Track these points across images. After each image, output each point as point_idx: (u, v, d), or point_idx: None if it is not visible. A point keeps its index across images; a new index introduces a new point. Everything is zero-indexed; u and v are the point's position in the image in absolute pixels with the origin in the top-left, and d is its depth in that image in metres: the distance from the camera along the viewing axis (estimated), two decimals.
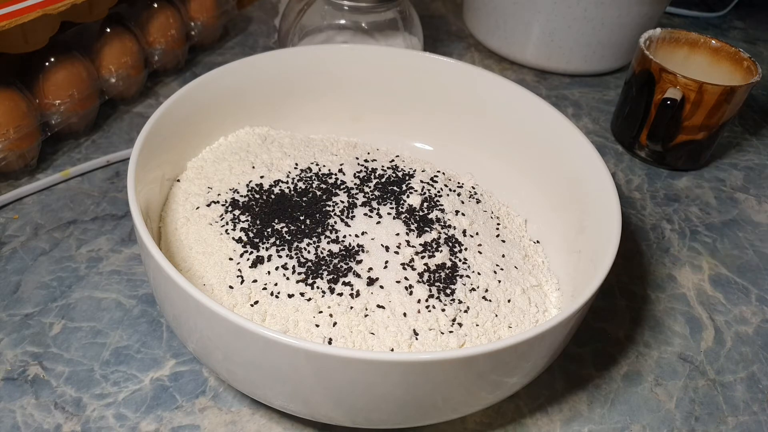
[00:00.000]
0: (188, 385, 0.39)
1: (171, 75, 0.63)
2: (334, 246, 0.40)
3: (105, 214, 0.49)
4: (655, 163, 0.59)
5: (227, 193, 0.43)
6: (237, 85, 0.47)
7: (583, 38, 0.66)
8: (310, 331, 0.35)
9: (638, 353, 0.43)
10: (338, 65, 0.50)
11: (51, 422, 0.36)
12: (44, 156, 0.52)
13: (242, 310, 0.37)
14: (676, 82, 0.53)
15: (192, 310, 0.31)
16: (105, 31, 0.55)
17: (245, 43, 0.70)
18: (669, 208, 0.55)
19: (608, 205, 0.39)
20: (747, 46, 0.81)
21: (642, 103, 0.57)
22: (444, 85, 0.50)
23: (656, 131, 0.56)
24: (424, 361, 0.29)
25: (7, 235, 0.46)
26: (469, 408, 0.35)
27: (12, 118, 0.47)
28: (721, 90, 0.53)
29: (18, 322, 0.41)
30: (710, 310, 0.47)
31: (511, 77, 0.69)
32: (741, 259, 0.51)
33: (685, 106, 0.54)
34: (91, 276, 0.44)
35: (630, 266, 0.49)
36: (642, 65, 0.56)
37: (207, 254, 0.39)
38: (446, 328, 0.36)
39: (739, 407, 0.41)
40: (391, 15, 0.58)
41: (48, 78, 0.50)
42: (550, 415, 0.39)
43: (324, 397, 0.32)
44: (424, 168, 0.48)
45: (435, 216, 0.43)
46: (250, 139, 0.48)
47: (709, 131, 0.55)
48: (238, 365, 0.33)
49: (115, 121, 0.57)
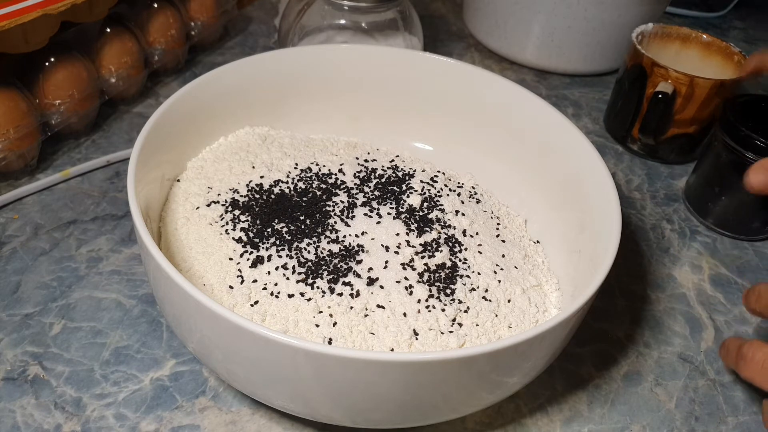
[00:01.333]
0: (188, 385, 0.39)
1: (171, 75, 0.63)
2: (334, 246, 0.40)
3: (105, 214, 0.49)
4: (647, 157, 0.59)
5: (227, 193, 0.43)
6: (237, 85, 0.47)
7: (583, 38, 0.66)
8: (310, 331, 0.35)
9: (638, 353, 0.43)
10: (338, 65, 0.50)
11: (51, 422, 0.36)
12: (44, 156, 0.52)
13: (242, 310, 0.37)
14: (668, 76, 0.54)
15: (192, 310, 0.31)
16: (105, 31, 0.55)
17: (245, 43, 0.70)
18: (669, 208, 0.55)
19: (608, 205, 0.39)
20: (747, 46, 0.81)
21: (634, 97, 0.57)
22: (444, 85, 0.50)
23: (648, 125, 0.56)
24: (424, 361, 0.29)
25: (7, 235, 0.46)
26: (469, 408, 0.35)
27: (12, 118, 0.47)
28: (712, 84, 0.53)
29: (18, 322, 0.41)
30: (710, 310, 0.47)
31: (511, 77, 0.69)
32: (741, 259, 0.51)
33: (677, 100, 0.54)
34: (91, 276, 0.44)
35: (630, 266, 0.49)
36: (634, 60, 0.56)
37: (207, 254, 0.39)
38: (446, 328, 0.36)
39: (739, 407, 0.41)
40: (391, 15, 0.58)
41: (48, 78, 0.50)
42: (550, 415, 0.39)
43: (324, 397, 0.32)
44: (424, 168, 0.48)
45: (435, 216, 0.43)
46: (250, 139, 0.48)
47: (701, 125, 0.56)
48: (238, 365, 0.33)
49: (115, 121, 0.57)
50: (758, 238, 0.53)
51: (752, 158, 0.48)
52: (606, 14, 0.64)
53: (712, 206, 0.52)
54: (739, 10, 0.89)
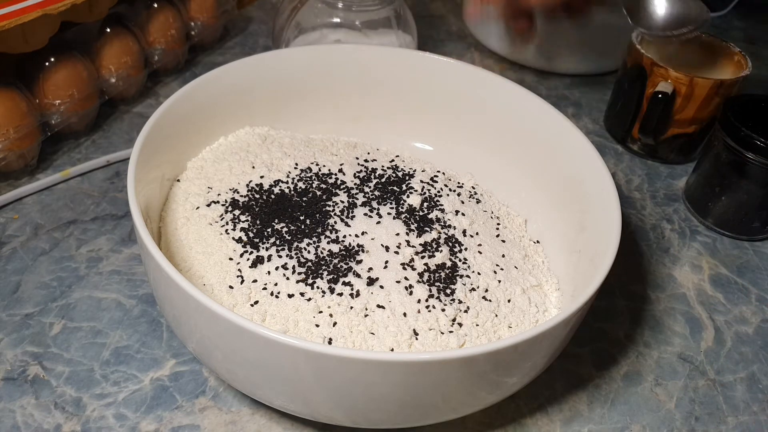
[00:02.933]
0: (188, 385, 0.39)
1: (171, 75, 0.63)
2: (334, 246, 0.40)
3: (105, 214, 0.49)
4: (647, 157, 0.59)
5: (227, 193, 0.43)
6: (237, 85, 0.47)
7: (583, 38, 0.66)
8: (310, 331, 0.35)
9: (638, 353, 0.43)
10: (339, 65, 0.50)
11: (51, 422, 0.36)
12: (44, 156, 0.52)
13: (242, 310, 0.37)
14: (668, 75, 0.54)
15: (192, 310, 0.31)
16: (105, 31, 0.55)
17: (245, 43, 0.70)
18: (669, 208, 0.55)
19: (608, 205, 0.39)
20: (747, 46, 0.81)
21: (634, 97, 0.57)
22: (444, 84, 0.50)
23: (648, 124, 0.56)
24: (424, 361, 0.29)
25: (7, 235, 0.46)
26: (469, 408, 0.35)
27: (12, 118, 0.47)
28: (712, 83, 0.53)
29: (18, 322, 0.41)
30: (710, 310, 0.47)
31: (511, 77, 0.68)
32: (741, 259, 0.51)
33: (677, 100, 0.54)
34: (91, 276, 0.44)
35: (630, 266, 0.49)
36: (634, 60, 0.56)
37: (207, 254, 0.40)
38: (446, 328, 0.36)
39: (739, 407, 0.41)
40: (384, 13, 0.59)
41: (48, 78, 0.50)
42: (550, 415, 0.39)
43: (324, 397, 0.32)
44: (424, 168, 0.48)
45: (435, 216, 0.43)
46: (250, 139, 0.48)
47: (700, 125, 0.56)
48: (238, 365, 0.33)
49: (115, 121, 0.57)
50: (758, 238, 0.53)
51: (752, 158, 0.48)
52: (606, 14, 0.64)
53: (712, 206, 0.52)
54: (739, 10, 0.89)
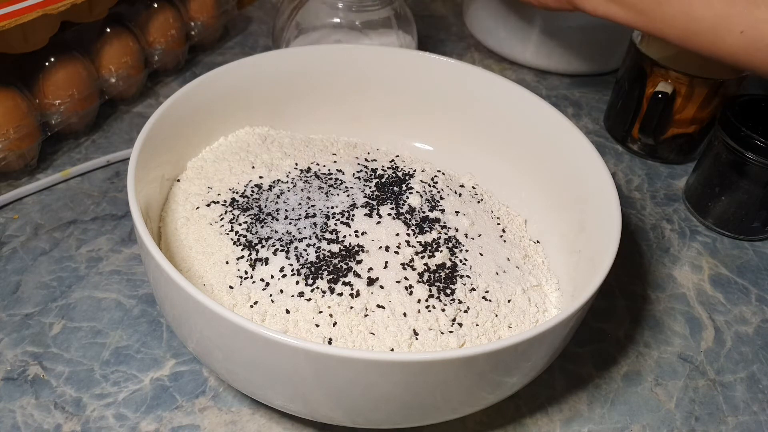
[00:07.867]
0: (188, 385, 0.39)
1: (171, 75, 0.63)
2: (334, 246, 0.40)
3: (105, 214, 0.49)
4: (647, 157, 0.59)
5: (227, 193, 0.43)
6: (237, 85, 0.47)
7: (583, 38, 0.66)
8: (310, 331, 0.35)
9: (638, 353, 0.43)
10: (339, 65, 0.50)
11: (51, 422, 0.36)
12: (44, 156, 0.52)
13: (242, 310, 0.37)
14: (668, 75, 0.54)
15: (192, 310, 0.31)
16: (105, 31, 0.55)
17: (245, 43, 0.70)
18: (669, 208, 0.55)
19: (608, 205, 0.39)
20: None
21: (634, 97, 0.57)
22: (444, 85, 0.50)
23: (648, 125, 0.56)
24: (424, 361, 0.29)
25: (7, 235, 0.46)
26: (469, 408, 0.35)
27: (12, 118, 0.47)
28: (712, 84, 0.53)
29: (18, 322, 0.41)
30: (710, 310, 0.47)
31: (511, 77, 0.68)
32: (741, 259, 0.51)
33: (677, 100, 0.54)
34: (91, 276, 0.44)
35: (630, 266, 0.49)
36: (634, 60, 0.56)
37: (207, 254, 0.40)
38: (446, 328, 0.36)
39: (739, 407, 0.41)
40: (384, 13, 0.59)
41: (48, 78, 0.50)
42: (550, 415, 0.39)
43: (324, 397, 0.32)
44: (424, 168, 0.48)
45: (435, 216, 0.43)
46: (250, 139, 0.48)
47: (700, 125, 0.56)
48: (238, 365, 0.33)
49: (115, 121, 0.57)
50: (758, 238, 0.53)
51: (752, 158, 0.48)
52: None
53: (712, 206, 0.52)
54: None
